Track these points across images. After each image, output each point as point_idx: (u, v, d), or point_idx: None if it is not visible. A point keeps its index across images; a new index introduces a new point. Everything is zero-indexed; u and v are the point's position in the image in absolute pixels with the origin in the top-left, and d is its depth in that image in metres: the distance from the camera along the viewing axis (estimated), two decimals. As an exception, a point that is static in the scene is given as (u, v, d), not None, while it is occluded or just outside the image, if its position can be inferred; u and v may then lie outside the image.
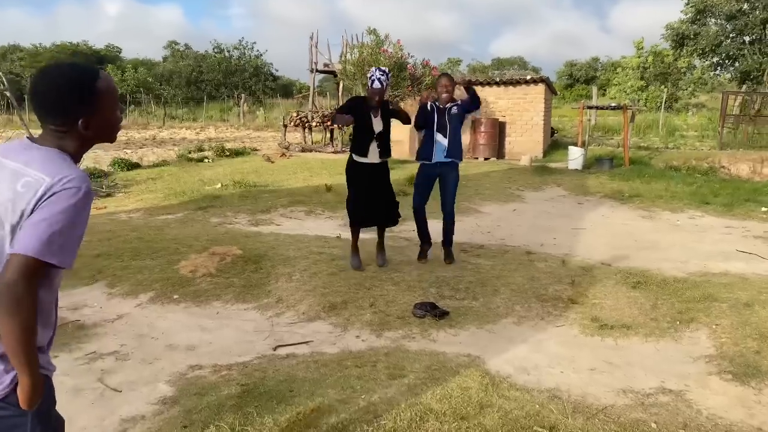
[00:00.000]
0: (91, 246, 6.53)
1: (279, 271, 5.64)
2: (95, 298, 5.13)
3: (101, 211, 8.59)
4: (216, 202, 8.99)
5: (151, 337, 4.33)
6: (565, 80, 56.90)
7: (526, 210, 9.00)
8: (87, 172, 11.40)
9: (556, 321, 4.61)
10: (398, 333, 4.36)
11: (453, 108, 5.83)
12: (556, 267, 5.80)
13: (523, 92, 15.93)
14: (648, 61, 35.04)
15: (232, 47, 56.30)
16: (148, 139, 22.59)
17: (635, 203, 9.38)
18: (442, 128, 5.81)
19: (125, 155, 15.70)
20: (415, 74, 13.43)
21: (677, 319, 4.54)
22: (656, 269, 5.76)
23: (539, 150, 15.95)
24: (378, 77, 5.32)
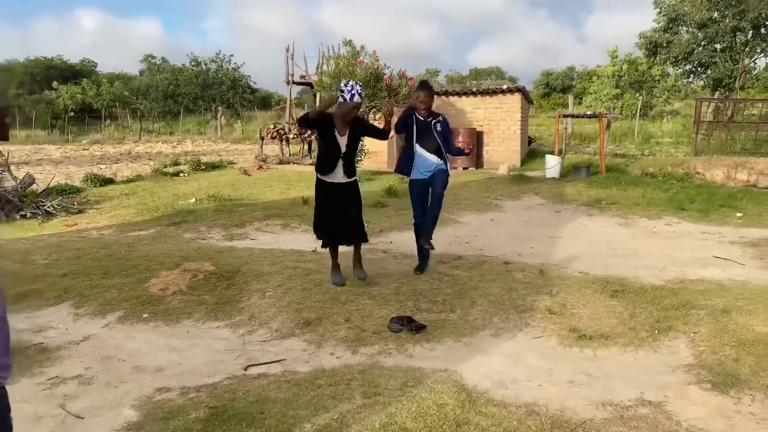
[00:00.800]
0: (59, 265, 6.36)
1: (252, 287, 5.51)
2: (61, 319, 4.96)
3: (72, 229, 8.39)
4: (190, 217, 8.82)
5: (118, 359, 4.18)
6: (542, 89, 57.42)
7: (504, 219, 8.96)
8: (58, 188, 11.19)
9: (535, 332, 4.54)
10: (374, 349, 4.25)
11: (438, 125, 5.67)
12: (533, 277, 5.74)
13: (500, 102, 15.98)
14: (623, 70, 35.53)
15: (209, 60, 56.01)
16: (123, 153, 22.30)
17: (612, 211, 9.39)
18: (428, 144, 5.65)
19: (99, 171, 15.45)
20: (391, 85, 13.39)
21: (655, 327, 4.50)
22: (634, 277, 5.73)
23: (517, 159, 15.99)
24: (358, 91, 5.04)
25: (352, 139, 5.22)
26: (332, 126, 5.16)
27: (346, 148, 5.21)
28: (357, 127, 5.25)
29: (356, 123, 5.25)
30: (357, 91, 5.05)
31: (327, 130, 5.18)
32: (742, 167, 14.30)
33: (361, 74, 12.79)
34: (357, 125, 5.26)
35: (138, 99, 49.73)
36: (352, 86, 5.06)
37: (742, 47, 25.80)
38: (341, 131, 5.18)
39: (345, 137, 5.19)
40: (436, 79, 61.93)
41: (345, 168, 5.26)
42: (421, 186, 5.75)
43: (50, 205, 9.43)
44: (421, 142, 5.63)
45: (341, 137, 5.18)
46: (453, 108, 16.34)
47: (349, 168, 5.29)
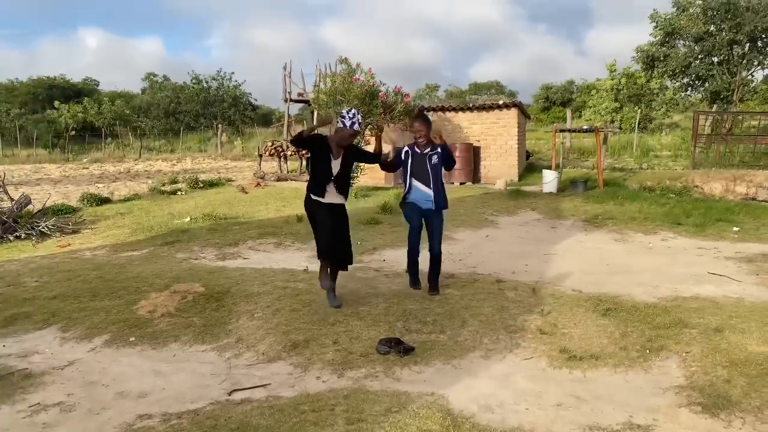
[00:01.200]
0: (48, 287, 6.32)
1: (241, 308, 5.47)
2: (47, 343, 4.91)
3: (65, 250, 8.35)
4: (183, 236, 8.79)
5: (102, 384, 4.13)
6: (541, 103, 57.58)
7: (499, 236, 8.91)
8: (54, 208, 11.18)
9: (525, 353, 4.48)
10: (361, 372, 4.19)
11: (434, 156, 5.68)
12: (526, 296, 5.68)
13: (497, 117, 15.99)
14: (621, 83, 35.63)
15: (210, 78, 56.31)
16: (122, 172, 22.34)
17: (608, 226, 9.34)
18: (423, 176, 5.68)
19: (97, 190, 15.46)
20: (387, 102, 13.41)
21: (647, 347, 4.44)
22: (627, 295, 5.67)
23: (514, 174, 15.97)
24: (359, 119, 5.15)
25: (345, 163, 5.29)
26: (327, 148, 5.19)
27: (339, 170, 5.24)
28: (351, 152, 5.32)
29: (350, 148, 5.33)
30: (358, 119, 5.17)
31: (322, 152, 5.21)
32: (740, 180, 14.26)
33: (356, 92, 12.82)
34: (351, 150, 5.34)
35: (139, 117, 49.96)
36: (353, 114, 5.18)
37: (739, 60, 25.87)
38: (335, 155, 5.22)
39: (338, 161, 5.23)
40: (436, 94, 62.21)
41: (336, 190, 5.30)
42: (416, 209, 5.77)
43: (45, 226, 9.41)
44: (415, 175, 5.68)
45: (335, 160, 5.22)
46: (450, 123, 16.35)
47: (340, 191, 5.32)
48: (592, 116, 36.47)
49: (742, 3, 24.48)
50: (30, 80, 58.14)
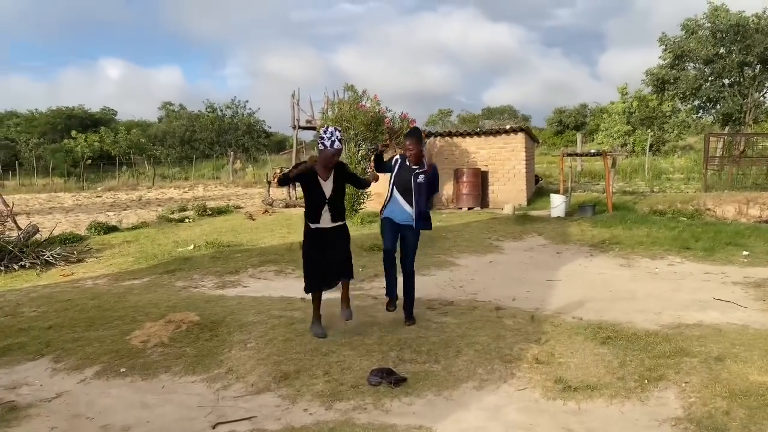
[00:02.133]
0: (45, 317, 6.32)
1: (235, 338, 5.41)
2: (37, 374, 4.87)
3: (67, 279, 8.37)
4: (185, 264, 8.78)
5: (87, 417, 4.08)
6: (555, 127, 57.62)
7: (503, 261, 8.80)
8: (62, 237, 11.25)
9: (519, 383, 4.36)
10: (350, 404, 4.10)
11: (421, 175, 5.56)
12: (524, 323, 5.57)
13: (504, 142, 15.95)
14: (633, 106, 35.54)
15: (225, 106, 57.09)
16: (134, 200, 22.54)
17: (615, 251, 9.19)
18: (406, 191, 5.57)
19: (107, 218, 15.59)
20: (393, 128, 13.44)
21: (645, 377, 4.30)
22: (628, 322, 5.54)
23: (523, 198, 15.87)
24: (338, 137, 5.06)
25: (337, 184, 5.22)
26: (314, 174, 5.15)
27: (331, 193, 5.19)
28: (340, 172, 5.24)
29: (339, 168, 5.25)
30: (337, 137, 5.07)
31: (311, 180, 5.17)
32: (754, 202, 14.04)
33: (362, 118, 12.87)
34: (340, 170, 5.25)
35: (155, 145, 50.64)
36: (331, 132, 5.08)
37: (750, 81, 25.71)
38: (324, 177, 5.16)
39: (329, 182, 5.18)
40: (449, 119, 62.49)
41: (332, 213, 5.24)
42: (392, 225, 5.64)
43: (50, 255, 9.46)
44: (398, 185, 5.57)
45: (325, 183, 5.18)
46: (457, 149, 16.34)
47: (335, 213, 5.27)
48: (604, 139, 36.39)
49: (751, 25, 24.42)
50: (49, 110, 59.18)
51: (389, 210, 5.64)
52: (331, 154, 5.08)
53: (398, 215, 5.60)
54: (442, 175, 16.39)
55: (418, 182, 5.53)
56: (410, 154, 5.60)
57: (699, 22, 25.81)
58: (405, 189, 5.57)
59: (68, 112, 58.35)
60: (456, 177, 15.78)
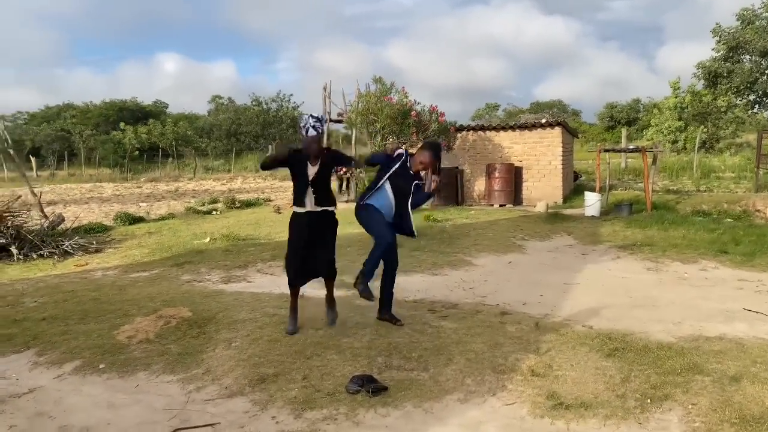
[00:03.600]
0: (43, 308, 6.27)
1: (221, 336, 5.21)
2: (18, 368, 4.77)
3: (80, 269, 8.38)
4: (197, 257, 8.68)
5: (49, 417, 3.93)
6: (606, 122, 56.03)
7: (523, 262, 8.38)
8: (86, 227, 11.35)
9: (508, 397, 4.01)
10: (321, 413, 3.83)
11: (417, 184, 5.28)
12: (527, 331, 5.19)
13: (539, 136, 15.38)
14: (685, 101, 34.09)
15: (270, 100, 57.64)
16: (171, 191, 22.82)
17: (644, 253, 8.63)
18: (402, 195, 5.24)
19: (139, 208, 15.76)
20: (420, 120, 13.09)
21: (648, 395, 3.89)
22: (642, 332, 5.09)
23: (559, 195, 15.28)
24: (312, 124, 4.89)
25: (322, 168, 5.04)
26: (305, 159, 5.01)
27: (314, 176, 5.01)
28: (327, 157, 5.10)
29: (327, 153, 5.13)
30: (311, 124, 4.91)
31: (299, 163, 5.02)
32: (807, 204, 13.13)
33: (388, 111, 12.57)
34: (327, 155, 5.11)
35: (201, 137, 51.51)
36: (305, 120, 4.97)
37: (811, 75, 24.24)
38: (312, 163, 5.02)
39: (315, 167, 5.03)
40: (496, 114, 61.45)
41: (315, 196, 5.04)
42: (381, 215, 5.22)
43: (68, 245, 9.51)
44: (393, 183, 5.23)
45: (312, 167, 5.02)
46: (490, 143, 15.86)
47: (319, 197, 5.06)
48: (654, 135, 35.07)
49: (814, 15, 22.99)
50: (103, 103, 60.97)
51: (378, 202, 5.23)
52: (309, 142, 4.93)
53: (387, 212, 5.27)
54: (475, 170, 15.99)
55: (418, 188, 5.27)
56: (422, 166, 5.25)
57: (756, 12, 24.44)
58: (401, 194, 5.25)
59: (121, 105, 59.98)
60: (488, 172, 15.32)
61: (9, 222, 9.43)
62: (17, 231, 9.39)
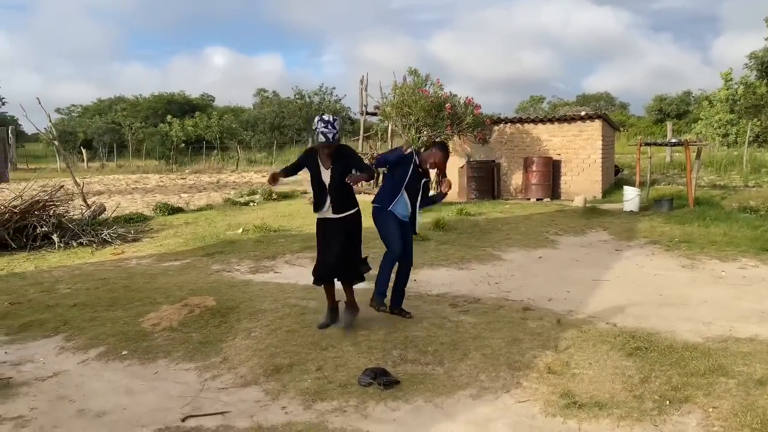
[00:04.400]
0: (75, 295, 6.47)
1: (242, 325, 5.28)
2: (46, 352, 4.94)
3: (116, 257, 8.61)
4: (228, 247, 8.81)
5: (69, 400, 4.05)
6: (654, 115, 54.45)
7: (554, 257, 8.22)
8: (126, 216, 11.65)
9: (522, 395, 3.94)
10: (331, 405, 3.84)
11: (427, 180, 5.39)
12: (548, 327, 5.08)
13: (579, 129, 15.05)
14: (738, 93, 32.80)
15: (313, 93, 58.10)
16: (213, 183, 23.23)
17: (681, 250, 8.35)
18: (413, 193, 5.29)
19: (179, 199, 16.09)
20: (455, 113, 12.95)
21: (667, 397, 3.76)
22: (668, 331, 4.93)
23: (598, 190, 14.94)
24: (321, 130, 4.72)
25: (336, 172, 4.90)
26: (317, 161, 4.93)
27: (331, 180, 4.91)
28: (341, 160, 4.92)
29: (340, 156, 4.93)
30: (320, 130, 4.74)
31: (312, 166, 4.96)
32: None
33: (422, 104, 12.48)
34: (341, 158, 4.93)
35: (246, 130, 52.28)
36: (316, 124, 4.78)
37: None
38: (326, 165, 4.92)
39: (329, 170, 4.91)
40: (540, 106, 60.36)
41: (333, 203, 4.96)
42: (398, 221, 5.29)
43: (107, 234, 9.78)
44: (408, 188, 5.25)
45: (325, 171, 4.92)
46: (528, 136, 15.60)
47: (338, 203, 4.97)
48: (703, 129, 33.91)
49: None
50: (152, 96, 62.47)
51: (399, 211, 5.29)
52: (321, 147, 4.86)
53: (402, 211, 5.29)
54: (512, 164, 15.77)
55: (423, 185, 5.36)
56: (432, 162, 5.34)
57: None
58: (413, 193, 5.31)
59: (169, 98, 61.38)
60: (525, 166, 15.09)
61: (51, 211, 9.76)
62: (59, 220, 9.71)
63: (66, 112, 64.11)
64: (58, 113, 63.36)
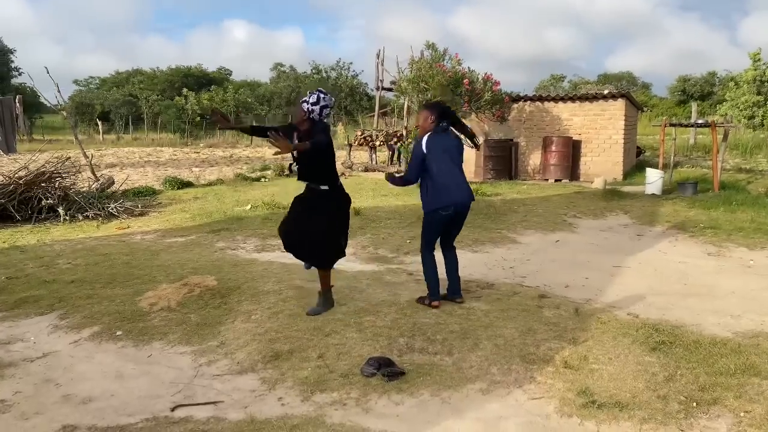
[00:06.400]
0: (73, 271, 6.27)
1: (243, 308, 5.04)
2: (38, 331, 4.74)
3: (120, 232, 8.41)
4: (235, 224, 8.58)
5: (56, 384, 3.84)
6: (677, 96, 53.27)
7: (572, 241, 7.88)
8: (135, 190, 11.46)
9: (536, 391, 3.66)
10: (330, 397, 3.59)
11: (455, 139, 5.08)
12: (565, 317, 4.79)
13: (601, 108, 14.54)
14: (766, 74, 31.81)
15: (330, 68, 57.49)
16: (226, 157, 23.02)
17: (706, 236, 7.97)
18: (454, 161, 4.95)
19: (191, 173, 15.90)
20: (473, 89, 12.53)
21: (695, 398, 3.46)
22: (694, 324, 4.62)
23: (619, 171, 14.48)
24: (304, 99, 4.62)
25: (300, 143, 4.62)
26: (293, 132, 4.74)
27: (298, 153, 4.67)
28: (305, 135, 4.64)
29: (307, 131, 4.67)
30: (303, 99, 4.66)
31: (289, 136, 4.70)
32: None
33: (439, 78, 12.07)
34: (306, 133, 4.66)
35: (262, 105, 51.96)
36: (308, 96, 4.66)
37: None
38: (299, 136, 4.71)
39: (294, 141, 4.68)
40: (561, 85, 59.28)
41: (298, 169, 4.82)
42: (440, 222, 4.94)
43: (113, 207, 9.59)
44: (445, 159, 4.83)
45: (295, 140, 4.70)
46: (548, 115, 15.13)
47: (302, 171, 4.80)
48: (728, 111, 32.97)
49: None
50: (169, 69, 62.24)
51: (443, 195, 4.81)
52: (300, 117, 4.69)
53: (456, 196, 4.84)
54: (530, 143, 15.33)
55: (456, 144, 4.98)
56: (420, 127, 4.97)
57: None
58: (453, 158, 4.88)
59: (185, 71, 61.14)
60: (544, 146, 14.65)
61: (57, 183, 9.57)
62: (65, 192, 9.52)
63: (84, 83, 64.21)
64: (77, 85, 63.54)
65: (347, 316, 4.79)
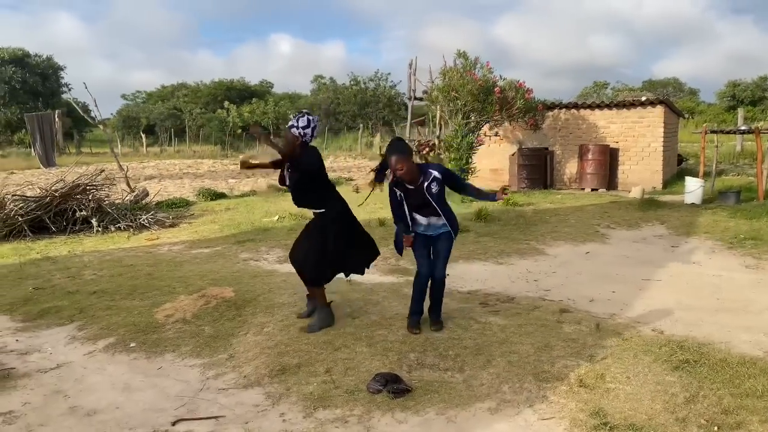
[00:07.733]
0: (97, 281, 6.36)
1: (256, 320, 5.02)
2: (56, 341, 4.81)
3: (149, 243, 8.53)
4: (261, 235, 8.61)
5: (65, 396, 3.86)
6: (726, 102, 51.65)
7: (603, 253, 7.63)
8: (169, 201, 11.65)
9: (546, 411, 3.50)
10: (333, 414, 3.51)
11: (433, 185, 4.47)
12: (585, 333, 4.60)
13: (639, 116, 14.15)
14: (819, 78, 30.54)
15: (368, 79, 57.77)
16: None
17: (746, 248, 7.60)
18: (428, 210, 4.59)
19: (227, 185, 16.10)
20: (505, 97, 12.35)
21: (716, 422, 3.25)
22: (723, 342, 4.37)
23: (658, 180, 14.04)
24: (292, 123, 4.50)
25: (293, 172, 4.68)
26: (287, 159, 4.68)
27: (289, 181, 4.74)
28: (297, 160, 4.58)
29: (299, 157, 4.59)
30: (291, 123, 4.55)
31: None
32: None
33: (470, 88, 11.94)
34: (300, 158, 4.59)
35: (301, 117, 52.49)
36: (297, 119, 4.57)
37: None
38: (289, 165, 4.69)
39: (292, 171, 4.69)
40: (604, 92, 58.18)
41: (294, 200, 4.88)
42: (425, 240, 4.72)
43: (145, 219, 9.75)
44: (420, 212, 4.61)
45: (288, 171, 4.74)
46: (585, 122, 14.80)
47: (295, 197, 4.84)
48: (779, 116, 31.80)
49: None
50: (212, 82, 63.53)
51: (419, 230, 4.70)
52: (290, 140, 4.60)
53: (430, 230, 4.69)
54: (566, 151, 15.01)
55: (434, 193, 4.50)
56: (401, 174, 4.44)
57: None
58: (427, 209, 4.58)
59: (228, 84, 62.31)
60: (580, 154, 14.32)
61: (91, 195, 9.79)
62: (99, 204, 9.73)
63: (131, 98, 66.15)
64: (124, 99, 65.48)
65: (359, 330, 4.72)
